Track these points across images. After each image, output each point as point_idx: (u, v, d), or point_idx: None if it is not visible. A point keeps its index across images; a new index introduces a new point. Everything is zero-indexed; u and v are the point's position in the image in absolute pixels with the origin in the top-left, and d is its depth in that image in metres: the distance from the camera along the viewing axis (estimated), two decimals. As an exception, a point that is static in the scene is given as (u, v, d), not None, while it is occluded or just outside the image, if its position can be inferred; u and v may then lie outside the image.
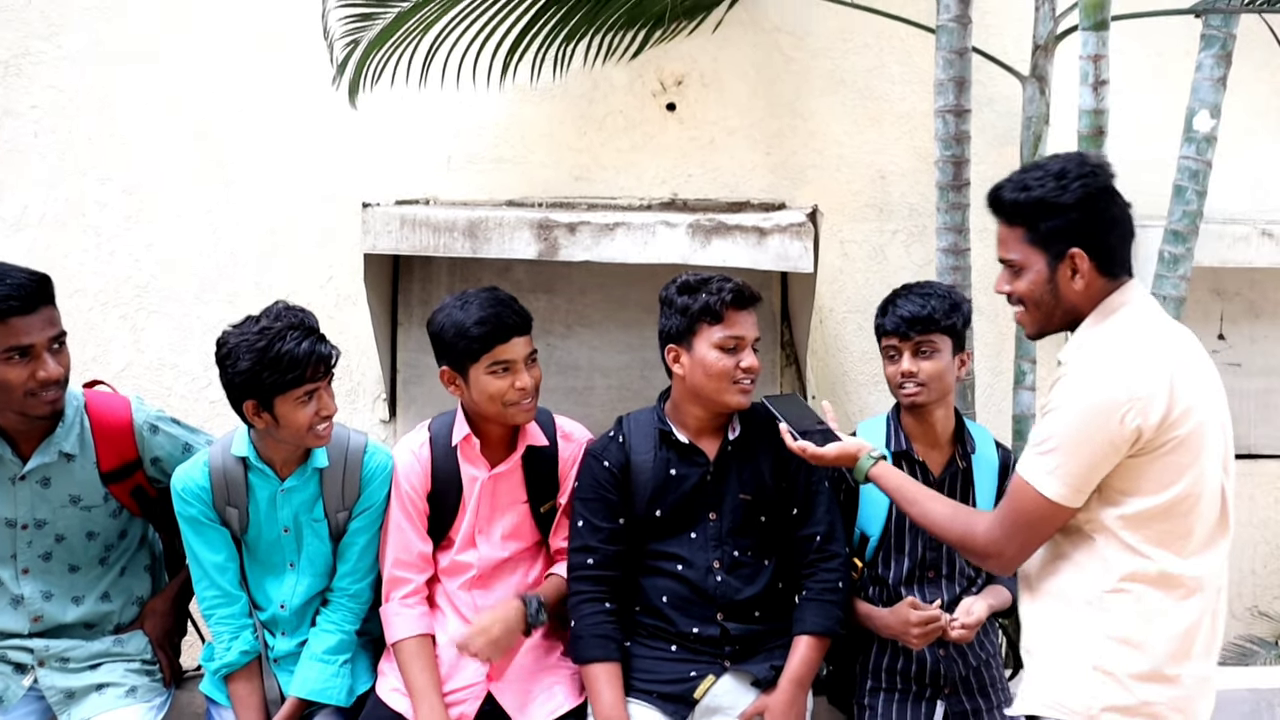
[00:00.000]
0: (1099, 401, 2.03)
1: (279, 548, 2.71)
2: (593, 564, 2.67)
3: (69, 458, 2.63)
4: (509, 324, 2.60)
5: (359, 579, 2.73)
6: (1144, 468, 2.05)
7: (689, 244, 3.30)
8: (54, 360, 2.47)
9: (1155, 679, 2.07)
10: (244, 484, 2.65)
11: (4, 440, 2.58)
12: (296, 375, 2.47)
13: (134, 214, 4.15)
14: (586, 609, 2.65)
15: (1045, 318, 2.19)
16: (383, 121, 4.06)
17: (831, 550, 2.70)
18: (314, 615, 2.75)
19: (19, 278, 2.44)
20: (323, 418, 2.55)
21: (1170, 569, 2.07)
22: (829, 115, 4.16)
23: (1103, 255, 2.12)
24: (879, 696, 2.76)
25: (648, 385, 3.73)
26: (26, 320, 2.42)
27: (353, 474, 2.68)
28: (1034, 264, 2.15)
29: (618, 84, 4.11)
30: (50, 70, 4.18)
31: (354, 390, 4.12)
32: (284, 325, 2.49)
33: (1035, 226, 2.13)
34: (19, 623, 2.67)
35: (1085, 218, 2.10)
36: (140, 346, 4.13)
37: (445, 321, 2.63)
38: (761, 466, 2.68)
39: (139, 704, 2.67)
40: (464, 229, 3.34)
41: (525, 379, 2.62)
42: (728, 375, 2.58)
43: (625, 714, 2.57)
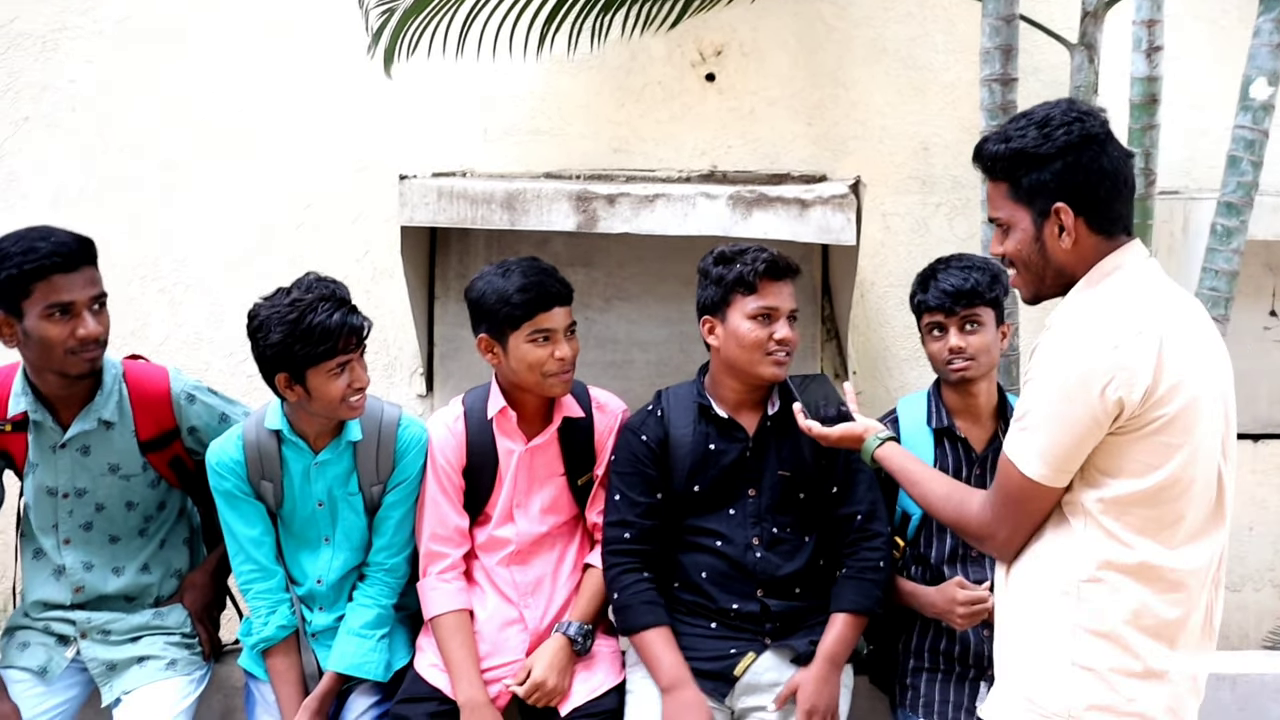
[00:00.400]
0: (1078, 372, 1.86)
1: (314, 522, 2.71)
2: (629, 538, 2.65)
3: (108, 425, 2.63)
4: (552, 292, 2.59)
5: (395, 553, 2.72)
6: (1126, 447, 1.87)
7: (729, 216, 3.26)
8: (94, 320, 2.49)
9: (1144, 676, 1.89)
10: (278, 457, 2.64)
11: (45, 407, 2.60)
12: (328, 347, 2.46)
13: (170, 189, 4.15)
14: (629, 578, 2.63)
15: (1036, 280, 2.00)
16: (418, 93, 4.03)
17: (873, 529, 2.66)
18: (351, 590, 2.74)
19: (62, 236, 2.47)
20: (355, 390, 2.53)
21: (1153, 560, 1.88)
22: (871, 85, 4.09)
23: (1092, 211, 1.92)
24: (921, 676, 2.72)
25: (687, 359, 3.70)
26: (68, 278, 2.44)
27: (386, 447, 2.67)
28: (1020, 222, 1.97)
29: (656, 54, 4.06)
30: (87, 45, 4.18)
31: (391, 365, 4.11)
32: (315, 297, 2.48)
33: (1017, 181, 1.95)
34: (61, 593, 2.70)
35: (1070, 169, 1.91)
36: (178, 321, 4.14)
37: (486, 288, 2.61)
38: (801, 443, 2.64)
39: (179, 676, 2.69)
40: (502, 201, 3.31)
41: (565, 349, 2.60)
42: (760, 346, 2.55)
43: (689, 673, 2.55)
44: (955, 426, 2.71)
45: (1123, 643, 1.89)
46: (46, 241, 2.44)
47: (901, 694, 2.74)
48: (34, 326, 2.45)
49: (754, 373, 2.59)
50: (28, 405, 2.58)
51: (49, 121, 4.20)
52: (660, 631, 2.59)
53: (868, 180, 3.91)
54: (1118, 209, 1.94)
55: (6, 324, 2.48)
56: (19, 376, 2.60)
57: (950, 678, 2.69)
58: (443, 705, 2.60)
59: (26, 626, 2.73)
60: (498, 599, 2.71)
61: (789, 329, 2.58)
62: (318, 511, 2.69)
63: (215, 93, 4.14)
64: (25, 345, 2.50)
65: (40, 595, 2.72)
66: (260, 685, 2.71)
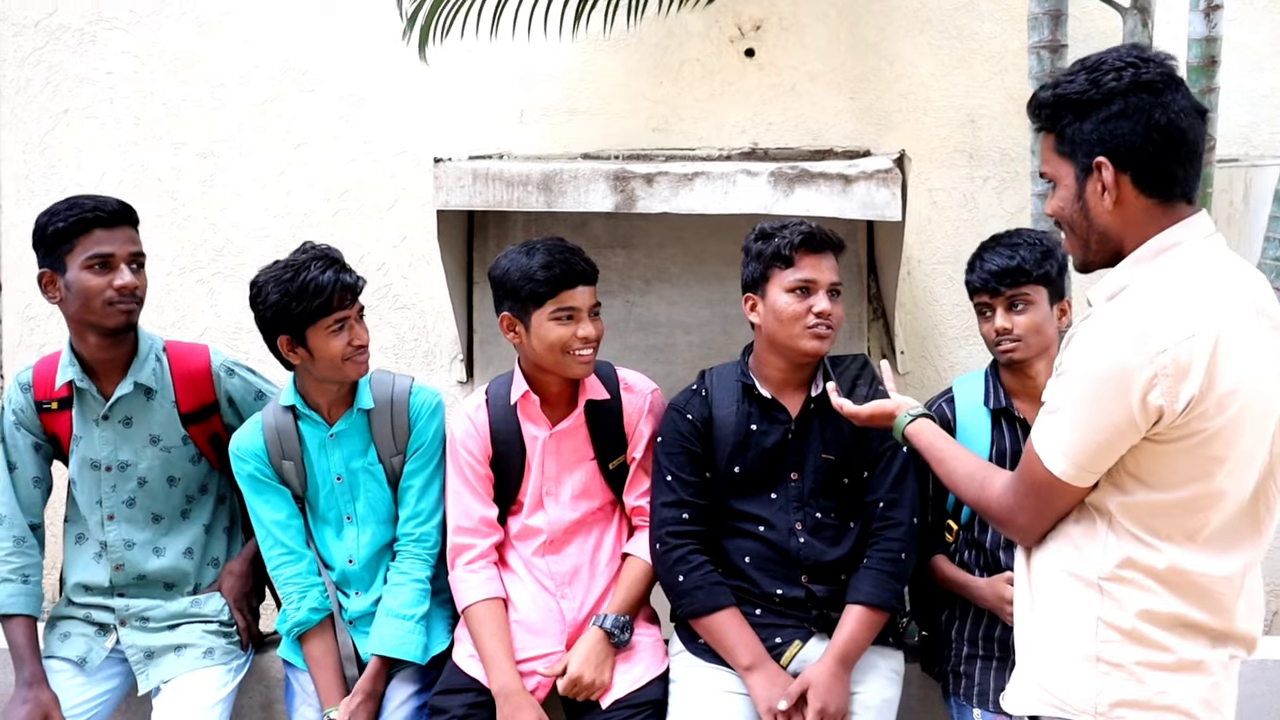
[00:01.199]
0: (1116, 370, 1.67)
1: (334, 500, 2.71)
2: (687, 519, 2.60)
3: (149, 393, 2.70)
4: (577, 270, 2.57)
5: (423, 521, 2.70)
6: (1164, 457, 1.71)
7: (771, 193, 3.18)
8: (131, 274, 2.60)
9: (1176, 668, 1.76)
10: (295, 434, 2.67)
11: (88, 376, 2.68)
12: (323, 302, 2.52)
13: (208, 178, 4.16)
14: (694, 559, 2.58)
15: (1081, 244, 1.82)
16: (454, 75, 4.00)
17: (893, 518, 2.59)
18: (386, 572, 2.72)
19: (106, 198, 2.64)
20: (356, 347, 2.58)
21: (1181, 564, 1.75)
22: (915, 57, 3.99)
23: (1140, 168, 1.72)
24: (975, 664, 2.64)
25: (730, 341, 3.63)
26: (109, 233, 2.58)
27: (400, 415, 2.69)
28: (1064, 178, 1.79)
29: (694, 30, 3.99)
30: (124, 36, 4.20)
31: (430, 352, 4.09)
32: (308, 257, 2.56)
33: (1061, 131, 1.77)
34: (101, 574, 2.75)
35: (1114, 119, 1.71)
36: (217, 310, 4.15)
37: (510, 265, 2.59)
38: (844, 426, 2.56)
39: (217, 666, 2.69)
40: (538, 182, 3.26)
41: (589, 328, 2.57)
42: (799, 319, 2.49)
43: (766, 653, 2.50)
44: (1014, 407, 2.62)
45: (1149, 639, 1.77)
46: (91, 199, 2.61)
47: (954, 682, 2.67)
48: (75, 278, 2.57)
49: (794, 347, 2.53)
50: (74, 374, 2.67)
51: (88, 114, 4.23)
52: (732, 613, 2.54)
53: (913, 155, 3.83)
54: (1172, 169, 1.73)
55: (50, 280, 2.60)
56: (65, 350, 2.70)
57: (1005, 665, 2.60)
58: (480, 696, 2.56)
59: (68, 616, 2.77)
60: (536, 589, 2.67)
61: (829, 302, 2.51)
62: (337, 487, 2.70)
63: (251, 81, 4.14)
64: (67, 301, 2.60)
65: (81, 578, 2.76)
66: (299, 675, 2.70)
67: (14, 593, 2.67)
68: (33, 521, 2.74)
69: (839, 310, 2.54)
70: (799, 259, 2.52)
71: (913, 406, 2.24)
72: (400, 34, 3.59)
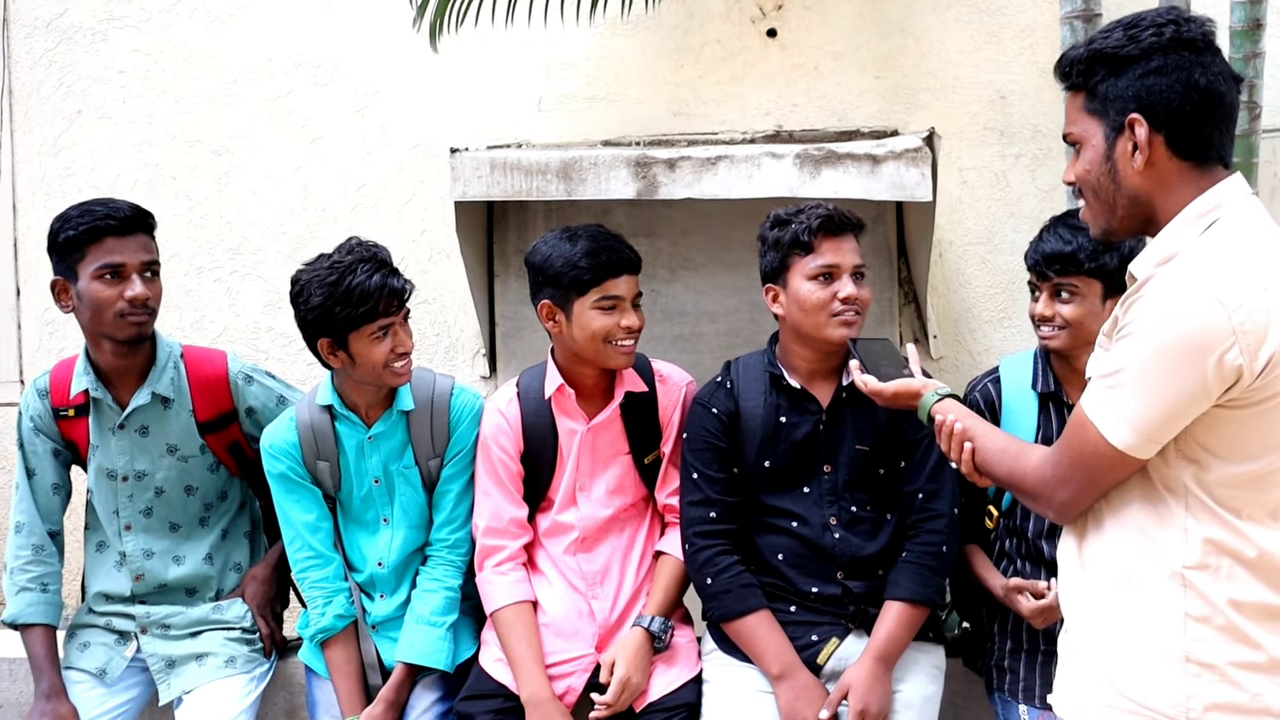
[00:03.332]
0: (1190, 332, 1.57)
1: (371, 501, 2.65)
2: (715, 517, 2.53)
3: (165, 403, 2.66)
4: (623, 258, 2.50)
5: (457, 527, 2.64)
6: (1238, 423, 1.62)
7: (797, 175, 3.09)
8: (143, 283, 2.55)
9: (1269, 668, 1.65)
10: (332, 435, 2.60)
11: (104, 386, 2.63)
12: (368, 309, 2.42)
13: (223, 176, 4.13)
14: (723, 561, 2.51)
15: (1106, 210, 1.73)
16: (469, 65, 3.94)
17: (933, 509, 2.50)
18: (414, 576, 2.66)
19: (120, 203, 2.58)
20: (399, 354, 2.49)
21: (1267, 546, 1.64)
22: (942, 33, 3.88)
23: (1175, 128, 1.64)
24: (1019, 658, 2.56)
25: (758, 329, 3.55)
26: (121, 241, 2.53)
27: (440, 417, 2.62)
28: (1092, 137, 1.71)
29: (714, 11, 3.90)
30: (135, 34, 4.18)
31: (452, 346, 4.03)
32: (355, 259, 2.45)
33: (1093, 89, 1.68)
34: (122, 583, 2.71)
35: (1151, 74, 1.63)
36: (236, 310, 4.11)
37: (551, 252, 2.50)
38: (879, 415, 2.49)
39: (239, 674, 2.65)
40: (558, 170, 3.19)
41: (632, 318, 2.50)
42: (824, 307, 2.41)
43: (798, 658, 2.44)
44: (1064, 392, 2.53)
45: (1241, 633, 1.65)
46: (103, 206, 2.55)
47: (999, 677, 2.59)
48: (86, 288, 2.52)
49: (821, 337, 2.44)
50: (89, 383, 2.62)
51: (101, 114, 4.21)
52: (763, 616, 2.47)
53: (942, 133, 3.72)
54: (1209, 132, 1.65)
55: (63, 289, 2.57)
56: (80, 358, 2.66)
57: (1051, 660, 2.48)
58: (508, 702, 2.51)
59: (88, 625, 2.74)
60: (565, 589, 2.61)
61: (854, 286, 2.42)
62: (374, 489, 2.63)
63: (264, 76, 4.11)
64: (79, 311, 2.56)
65: (102, 587, 2.73)
66: (320, 682, 2.65)
67: (33, 602, 2.64)
68: (52, 529, 2.71)
69: (865, 293, 2.45)
70: (819, 244, 2.42)
71: (939, 386, 2.13)
72: (411, 23, 3.53)
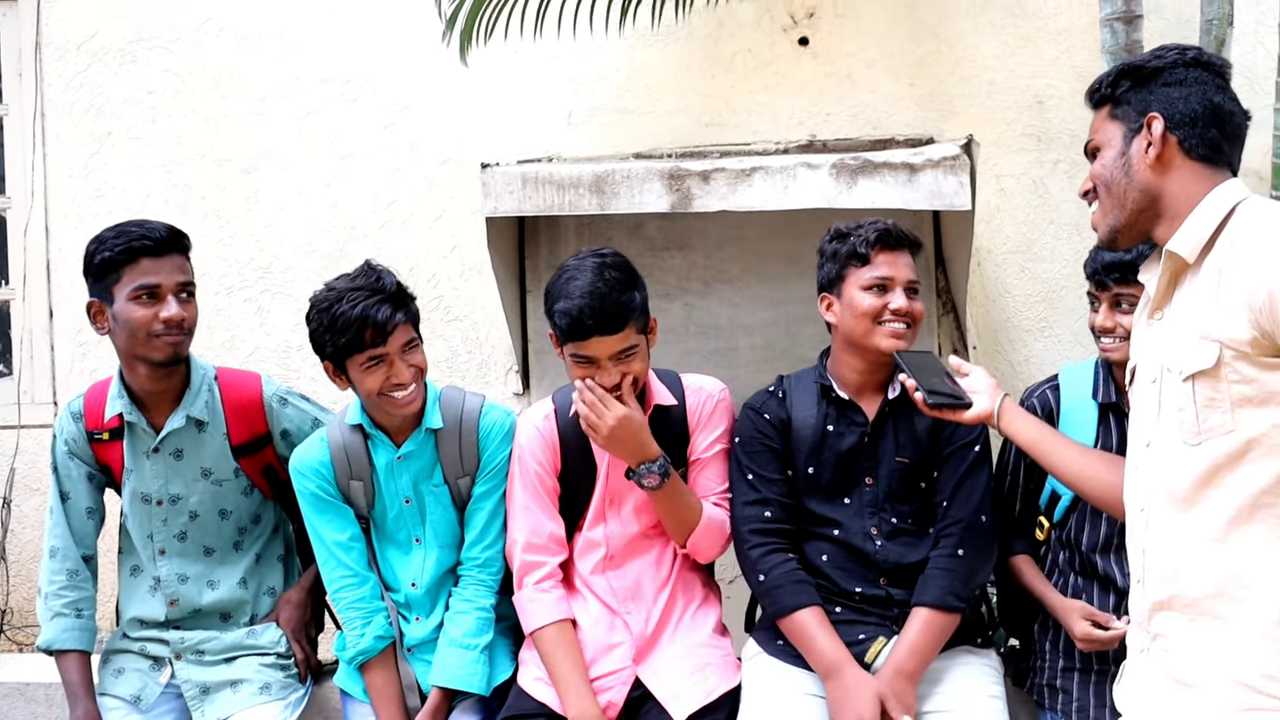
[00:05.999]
0: None
1: (402, 521, 2.62)
2: (770, 516, 2.53)
3: (200, 426, 2.64)
4: (588, 325, 2.39)
5: (488, 546, 2.61)
6: None
7: (833, 186, 3.04)
8: (179, 305, 2.54)
9: None
10: (365, 454, 2.58)
11: (138, 409, 2.62)
12: (350, 339, 2.40)
13: (252, 195, 4.14)
14: (775, 558, 2.50)
15: (1117, 204, 1.82)
16: (498, 79, 3.94)
17: (951, 515, 2.49)
18: (448, 599, 2.63)
19: (155, 224, 2.57)
20: (394, 384, 2.45)
21: None
22: (977, 38, 3.84)
23: (1189, 131, 1.76)
24: (1072, 677, 2.50)
25: (795, 343, 3.50)
26: (156, 262, 2.52)
27: (469, 435, 2.59)
28: (1111, 140, 1.84)
29: (745, 20, 3.88)
30: (165, 55, 4.20)
31: (484, 363, 4.01)
32: (349, 287, 2.44)
33: (1118, 97, 1.84)
34: (156, 608, 2.69)
35: (1174, 84, 1.79)
36: (266, 329, 4.10)
37: (550, 286, 2.49)
38: (918, 428, 2.50)
39: (274, 701, 2.62)
40: (590, 184, 3.15)
41: (608, 378, 2.42)
42: (873, 314, 2.44)
43: (848, 654, 2.40)
44: (1124, 403, 2.47)
45: None
46: (139, 227, 2.54)
47: (1050, 697, 2.52)
48: (121, 310, 2.51)
49: (869, 344, 2.45)
50: (123, 407, 2.61)
51: (131, 135, 4.23)
52: (814, 611, 2.45)
53: (978, 140, 3.67)
54: (1220, 141, 1.78)
55: (99, 311, 2.56)
56: (115, 381, 2.64)
57: (1106, 679, 2.45)
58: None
59: (122, 650, 2.72)
60: (599, 607, 2.58)
61: (906, 299, 2.45)
62: (405, 509, 2.61)
63: (292, 94, 4.12)
64: (115, 332, 2.55)
65: (136, 612, 2.71)
66: (356, 705, 2.61)
67: (67, 628, 2.62)
68: (86, 553, 2.69)
69: (918, 307, 2.47)
70: (875, 256, 2.47)
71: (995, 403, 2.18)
72: (440, 37, 3.51)
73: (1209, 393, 1.71)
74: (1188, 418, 1.73)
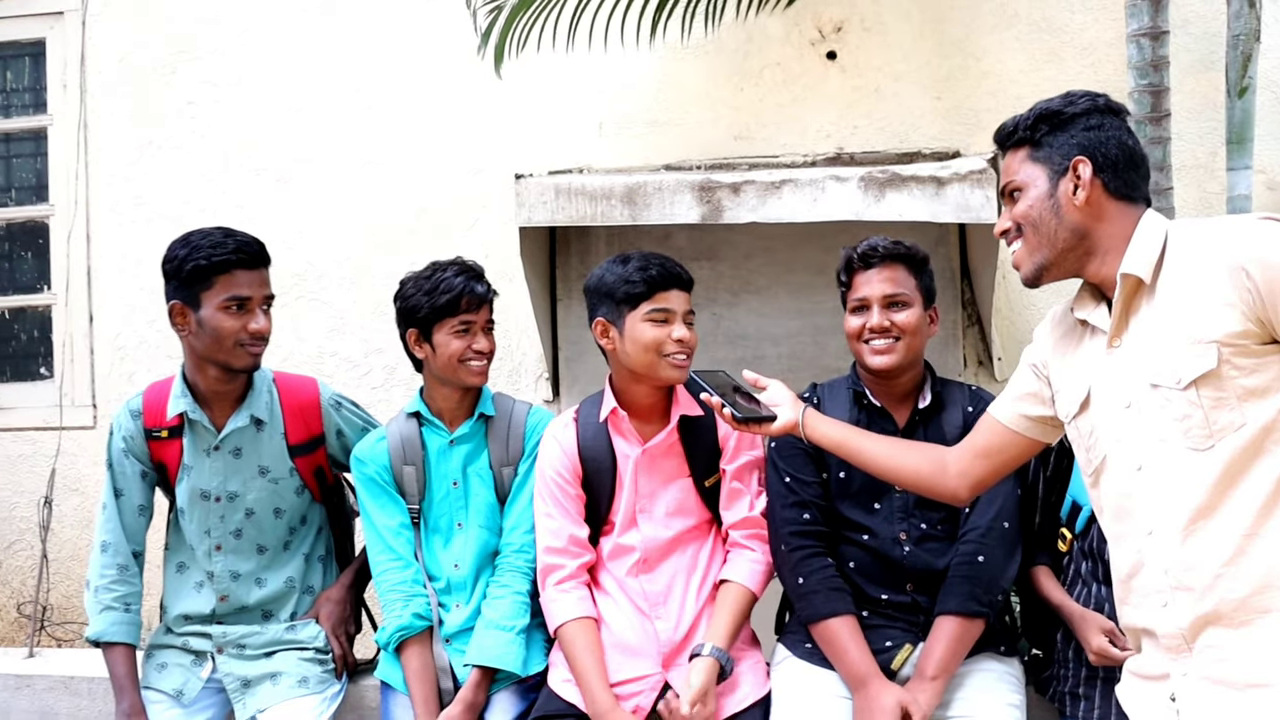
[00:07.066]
0: None
1: (447, 505, 2.71)
2: (809, 519, 2.56)
3: (259, 425, 2.72)
4: (672, 273, 2.58)
5: (526, 530, 2.69)
6: None
7: (861, 199, 3.09)
8: (264, 317, 2.64)
9: None
10: (419, 440, 2.72)
11: (200, 407, 2.69)
12: (450, 300, 2.63)
13: (288, 203, 4.19)
14: (815, 563, 2.53)
15: (1047, 244, 1.88)
16: (530, 90, 3.98)
17: (971, 522, 2.51)
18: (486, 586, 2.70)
19: (246, 237, 2.64)
20: (476, 352, 2.66)
21: None
22: (1003, 53, 3.87)
23: (1111, 173, 1.85)
24: (1095, 686, 2.50)
25: (821, 352, 3.54)
26: (248, 275, 2.61)
27: (517, 428, 2.75)
28: (1035, 181, 1.89)
29: (774, 34, 3.92)
30: (204, 65, 4.26)
31: (515, 371, 4.05)
32: (449, 262, 2.72)
33: (1037, 141, 1.90)
34: (203, 603, 2.75)
35: (1092, 129, 1.87)
36: (300, 335, 4.15)
37: (604, 273, 2.61)
38: (948, 435, 2.50)
39: (312, 695, 2.67)
40: (622, 195, 3.20)
41: (684, 331, 2.56)
42: (855, 335, 2.55)
43: (876, 667, 2.43)
44: None
45: None
46: (232, 239, 2.60)
47: (1072, 705, 2.53)
48: (210, 317, 2.57)
49: (860, 363, 2.57)
50: (186, 406, 2.68)
51: (172, 143, 4.29)
52: (847, 620, 2.48)
53: (1005, 154, 3.71)
54: (1136, 181, 1.88)
55: (181, 313, 2.60)
56: (177, 380, 2.71)
57: (1129, 685, 2.47)
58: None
59: (166, 645, 2.77)
60: (630, 610, 2.61)
61: (880, 316, 2.51)
62: (452, 492, 2.71)
63: (327, 104, 4.16)
64: (197, 335, 2.61)
65: (182, 609, 2.77)
66: (396, 697, 2.66)
67: (116, 621, 2.68)
68: (135, 549, 2.75)
69: (901, 319, 2.50)
70: (855, 279, 2.56)
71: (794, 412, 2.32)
72: (475, 50, 3.57)
73: (1215, 393, 1.74)
74: (1195, 424, 1.76)
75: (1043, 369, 2.04)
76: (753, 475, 2.65)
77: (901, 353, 2.49)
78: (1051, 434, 2.09)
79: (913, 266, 2.55)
